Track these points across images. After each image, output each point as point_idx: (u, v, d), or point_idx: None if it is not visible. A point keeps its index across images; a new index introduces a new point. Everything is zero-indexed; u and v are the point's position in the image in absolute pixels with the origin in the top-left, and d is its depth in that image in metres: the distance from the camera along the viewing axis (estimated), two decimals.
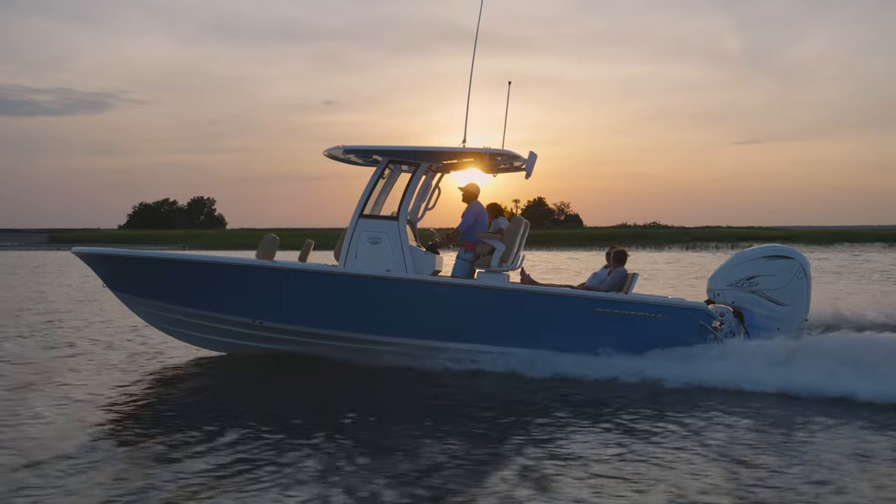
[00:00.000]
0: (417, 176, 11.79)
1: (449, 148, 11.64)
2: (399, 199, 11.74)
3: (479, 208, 12.14)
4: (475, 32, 12.08)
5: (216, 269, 11.32)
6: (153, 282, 11.49)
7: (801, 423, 8.54)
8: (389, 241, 11.37)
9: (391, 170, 12.05)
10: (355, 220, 11.48)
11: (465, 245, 11.91)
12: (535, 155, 11.61)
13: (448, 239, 12.18)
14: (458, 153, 11.71)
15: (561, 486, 6.49)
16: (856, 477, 6.68)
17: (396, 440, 7.85)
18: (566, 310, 11.34)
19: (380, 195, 12.01)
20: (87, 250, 11.82)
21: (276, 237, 12.13)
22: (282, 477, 6.67)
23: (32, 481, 6.59)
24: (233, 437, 7.85)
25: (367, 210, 11.61)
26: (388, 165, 11.82)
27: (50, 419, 8.59)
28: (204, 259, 11.50)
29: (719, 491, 6.37)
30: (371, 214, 11.62)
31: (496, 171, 12.49)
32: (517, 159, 11.68)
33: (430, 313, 11.32)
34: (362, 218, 11.50)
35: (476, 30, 12.21)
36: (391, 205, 12.09)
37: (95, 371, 11.28)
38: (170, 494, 6.26)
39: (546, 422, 8.62)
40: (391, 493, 6.31)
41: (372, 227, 11.44)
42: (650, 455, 7.33)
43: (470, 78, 12.08)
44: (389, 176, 12.13)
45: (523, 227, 12.00)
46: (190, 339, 12.06)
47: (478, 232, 11.95)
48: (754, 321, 11.60)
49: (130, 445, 7.66)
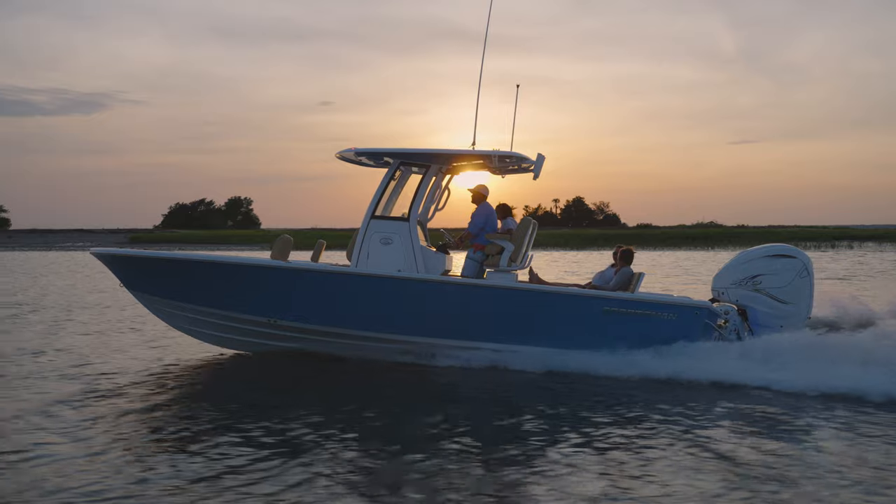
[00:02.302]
0: (428, 178, 12.06)
1: (459, 150, 11.89)
2: (410, 201, 12.00)
3: (488, 210, 12.38)
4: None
5: (232, 270, 11.58)
6: (170, 281, 11.77)
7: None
8: (401, 242, 11.64)
9: (402, 171, 12.30)
10: (367, 221, 11.74)
11: (475, 246, 12.17)
12: (543, 157, 11.87)
13: (460, 241, 12.44)
14: (469, 155, 11.96)
15: (569, 483, 6.67)
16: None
17: (403, 435, 8.13)
18: (574, 309, 11.59)
19: (391, 196, 12.26)
20: (105, 251, 12.10)
21: (290, 238, 12.38)
22: (291, 474, 6.92)
23: (51, 476, 6.87)
24: (234, 438, 8.02)
25: (379, 211, 11.88)
26: (399, 167, 12.09)
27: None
28: (221, 259, 11.77)
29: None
30: (382, 215, 11.88)
31: (504, 173, 12.74)
32: (525, 161, 11.92)
33: (440, 312, 11.57)
34: (374, 219, 11.76)
35: (485, 33, 12.46)
36: (402, 206, 12.34)
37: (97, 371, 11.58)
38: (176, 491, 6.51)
39: (554, 419, 8.82)
40: (392, 486, 6.58)
41: (383, 228, 11.71)
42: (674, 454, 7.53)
43: (479, 82, 12.32)
44: (400, 177, 12.38)
45: (531, 228, 12.24)
46: (207, 338, 12.33)
47: (487, 232, 12.20)
48: (758, 319, 11.83)
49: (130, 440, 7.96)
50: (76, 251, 61.72)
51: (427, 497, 6.32)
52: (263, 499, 6.22)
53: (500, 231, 12.46)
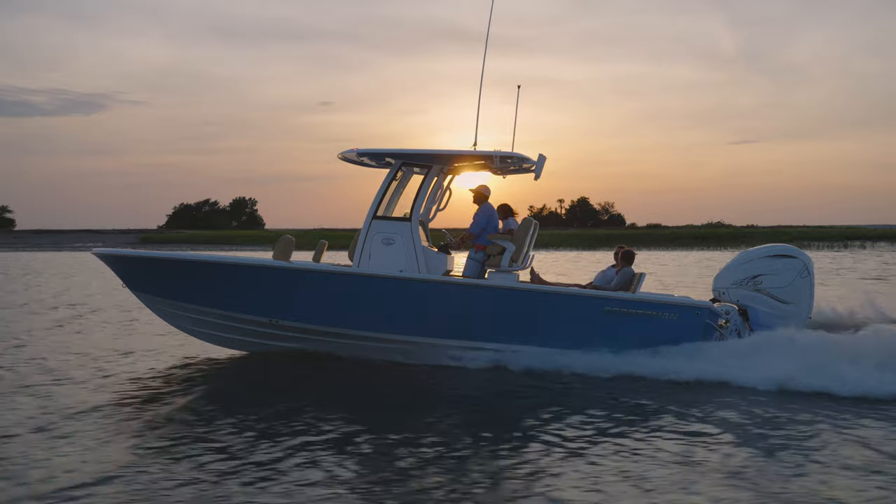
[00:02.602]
0: (430, 178, 12.09)
1: (461, 151, 11.92)
2: (411, 201, 12.03)
3: (490, 210, 12.41)
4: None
5: (233, 270, 11.61)
6: (171, 282, 11.80)
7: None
8: (402, 242, 11.67)
9: (403, 172, 12.33)
10: (369, 222, 11.77)
11: (477, 246, 12.19)
12: (545, 157, 11.90)
13: (461, 241, 12.47)
14: (470, 156, 11.99)
15: (566, 482, 6.73)
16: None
17: (400, 435, 8.16)
18: (575, 309, 11.61)
19: (392, 197, 12.29)
20: (107, 251, 12.14)
21: (292, 238, 12.41)
22: (297, 472, 7.02)
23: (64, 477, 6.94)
24: (230, 439, 8.10)
25: (381, 212, 11.91)
26: (401, 168, 12.12)
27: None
28: (222, 260, 11.81)
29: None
30: (384, 216, 11.91)
31: (506, 173, 12.76)
32: (526, 161, 11.95)
33: (442, 312, 11.60)
34: (376, 219, 11.79)
35: (486, 34, 12.49)
36: (403, 206, 12.37)
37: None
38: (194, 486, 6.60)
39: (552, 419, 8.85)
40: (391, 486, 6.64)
41: (385, 229, 11.74)
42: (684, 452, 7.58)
43: (481, 83, 12.34)
44: (401, 178, 12.40)
45: (533, 228, 12.27)
46: (208, 338, 12.36)
47: (489, 233, 12.23)
48: (759, 319, 11.85)
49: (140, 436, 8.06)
50: (87, 251, 61.88)
51: (424, 495, 6.35)
52: (265, 497, 6.27)
53: (502, 231, 12.49)
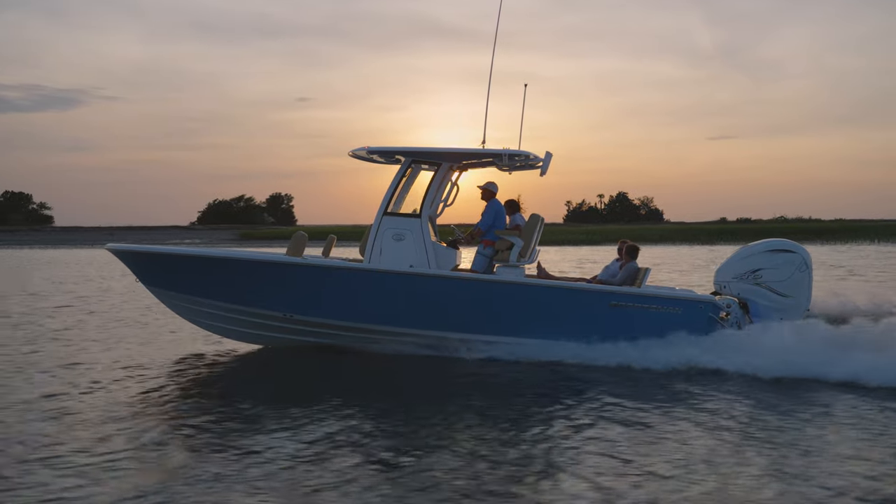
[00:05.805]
0: (439, 175, 12.37)
1: (470, 149, 12.22)
2: (420, 197, 12.31)
3: (497, 207, 12.67)
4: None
5: (250, 266, 11.87)
6: (187, 277, 12.04)
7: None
8: (413, 238, 11.95)
9: (412, 169, 12.59)
10: (380, 218, 12.05)
11: (485, 241, 12.48)
12: (551, 154, 12.20)
13: (470, 237, 12.74)
14: (479, 154, 12.27)
15: (581, 475, 6.79)
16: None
17: (412, 427, 8.47)
18: (582, 303, 11.93)
19: (401, 193, 12.56)
20: (123, 247, 12.42)
21: (305, 234, 12.65)
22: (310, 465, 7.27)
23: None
24: (249, 432, 8.30)
25: (391, 208, 12.18)
26: (411, 165, 12.39)
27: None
28: (238, 256, 12.10)
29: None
30: (394, 212, 12.18)
31: (512, 170, 13.05)
32: (533, 158, 12.24)
33: (451, 307, 11.89)
34: (386, 215, 12.08)
35: (495, 33, 12.77)
36: (412, 202, 12.63)
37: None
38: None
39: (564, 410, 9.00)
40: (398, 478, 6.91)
41: (396, 225, 12.02)
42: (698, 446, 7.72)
43: (489, 81, 12.64)
44: (410, 175, 12.67)
45: (539, 224, 12.56)
46: (223, 332, 12.64)
47: (497, 229, 12.51)
48: (759, 312, 12.19)
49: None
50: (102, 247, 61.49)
51: (436, 490, 6.44)
52: (282, 489, 6.43)
53: (509, 227, 12.77)
